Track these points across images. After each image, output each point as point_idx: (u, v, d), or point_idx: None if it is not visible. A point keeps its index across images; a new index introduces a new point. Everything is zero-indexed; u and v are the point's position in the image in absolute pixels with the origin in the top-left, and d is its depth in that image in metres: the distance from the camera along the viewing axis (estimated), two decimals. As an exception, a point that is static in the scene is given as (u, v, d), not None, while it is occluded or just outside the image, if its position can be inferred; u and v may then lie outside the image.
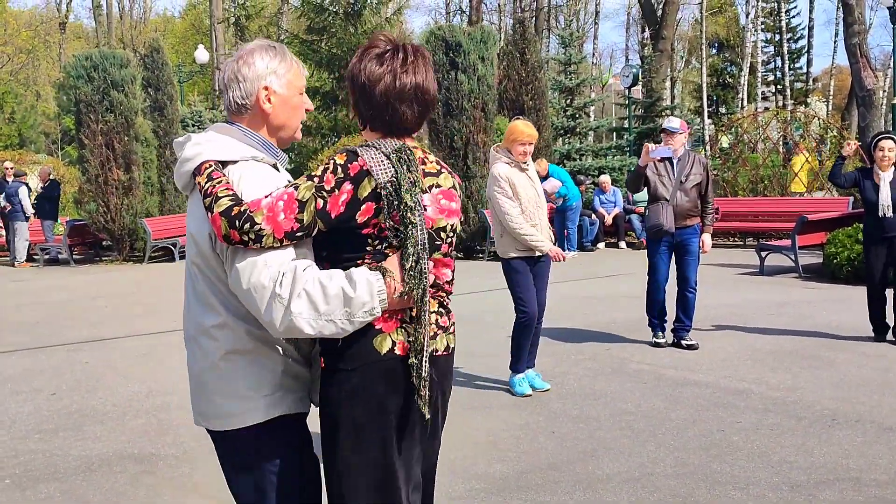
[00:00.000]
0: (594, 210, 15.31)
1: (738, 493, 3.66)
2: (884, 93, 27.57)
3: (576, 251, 14.09)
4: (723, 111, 41.05)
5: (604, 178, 15.84)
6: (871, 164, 6.62)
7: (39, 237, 16.06)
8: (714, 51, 45.69)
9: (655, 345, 6.67)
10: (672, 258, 6.68)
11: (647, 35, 32.02)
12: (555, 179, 13.26)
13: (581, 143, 20.09)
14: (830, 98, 42.52)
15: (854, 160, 15.36)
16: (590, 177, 17.53)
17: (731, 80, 42.90)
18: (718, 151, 18.17)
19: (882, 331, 6.59)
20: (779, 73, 41.30)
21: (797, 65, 43.66)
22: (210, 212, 1.84)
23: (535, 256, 5.29)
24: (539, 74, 15.70)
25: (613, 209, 15.32)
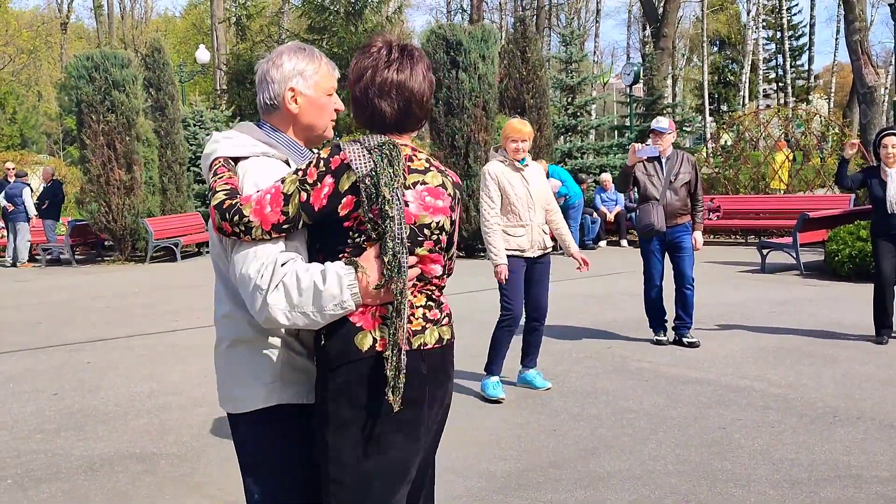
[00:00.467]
0: (596, 208, 15.32)
1: (739, 491, 3.66)
2: (885, 89, 27.50)
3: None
4: (724, 109, 41.07)
5: (605, 177, 15.84)
6: (878, 162, 6.59)
7: (41, 237, 16.10)
8: (715, 48, 45.70)
9: (657, 342, 6.68)
10: (666, 257, 6.70)
11: (649, 33, 32.00)
12: (554, 179, 13.28)
13: (582, 142, 20.06)
14: (832, 95, 42.49)
15: (856, 158, 15.35)
16: (591, 175, 17.53)
17: (733, 78, 42.92)
18: (720, 149, 18.14)
19: (884, 332, 6.48)
20: (780, 71, 41.30)
21: (798, 62, 43.67)
22: (208, 205, 1.93)
23: (531, 256, 5.21)
24: (540, 73, 15.67)
25: (615, 207, 15.33)
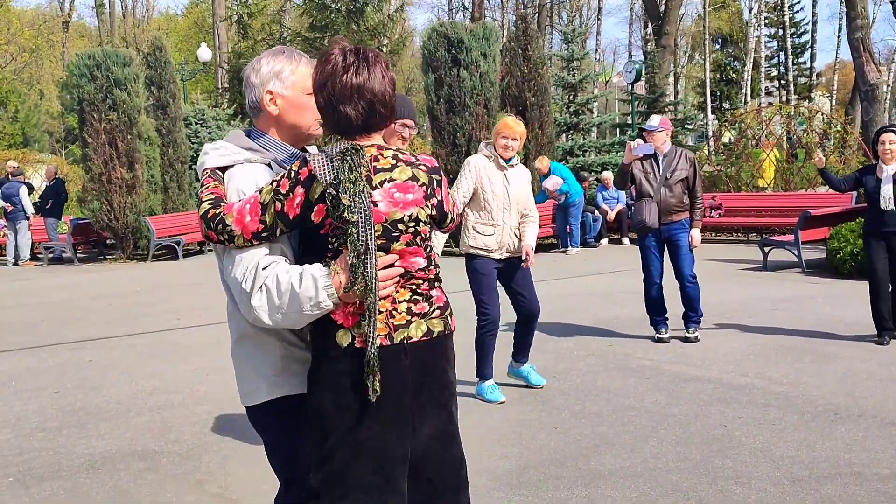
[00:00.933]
0: (597, 206, 15.30)
1: (740, 488, 3.67)
2: (887, 87, 27.52)
3: (578, 247, 14.10)
4: (726, 106, 40.99)
5: (607, 175, 15.82)
6: (875, 159, 6.58)
7: (42, 236, 16.11)
8: (717, 46, 45.64)
9: (658, 340, 6.67)
10: (665, 254, 6.69)
11: (650, 31, 31.94)
12: (556, 176, 13.26)
13: (584, 140, 20.03)
14: (834, 93, 42.37)
15: (858, 155, 15.33)
16: (593, 173, 17.51)
17: (735, 76, 42.86)
18: (721, 147, 18.13)
19: (885, 333, 6.41)
20: (782, 69, 41.18)
21: (800, 60, 43.56)
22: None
23: (497, 258, 5.14)
24: (542, 71, 15.64)
25: (616, 205, 15.31)
